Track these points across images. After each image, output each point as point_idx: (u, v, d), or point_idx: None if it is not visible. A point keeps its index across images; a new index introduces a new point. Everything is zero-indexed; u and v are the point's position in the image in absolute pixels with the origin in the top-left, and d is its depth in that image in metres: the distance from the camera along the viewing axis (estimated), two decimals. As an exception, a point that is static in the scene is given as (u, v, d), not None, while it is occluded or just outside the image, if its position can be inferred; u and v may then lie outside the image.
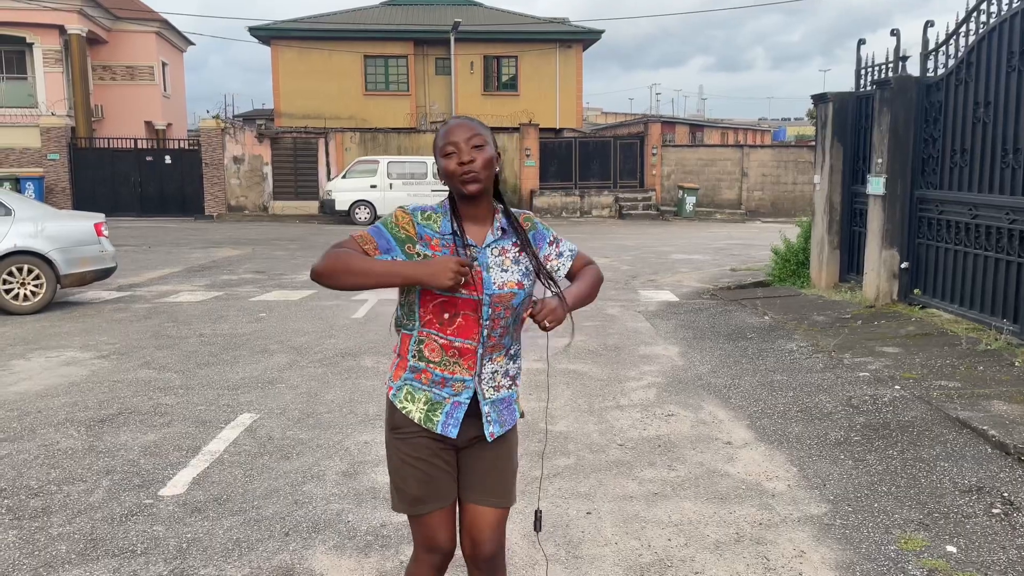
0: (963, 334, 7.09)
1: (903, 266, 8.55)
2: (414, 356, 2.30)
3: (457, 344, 2.24)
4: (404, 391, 2.31)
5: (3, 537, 3.62)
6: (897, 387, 5.81)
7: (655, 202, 26.50)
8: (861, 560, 3.41)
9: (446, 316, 2.23)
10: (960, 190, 7.71)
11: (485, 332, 2.24)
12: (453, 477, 2.35)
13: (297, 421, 5.26)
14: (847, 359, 6.70)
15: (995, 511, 3.84)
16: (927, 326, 7.55)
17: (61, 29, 26.07)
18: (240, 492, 4.12)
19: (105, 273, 9.89)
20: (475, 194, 2.21)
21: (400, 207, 2.29)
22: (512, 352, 2.36)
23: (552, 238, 2.42)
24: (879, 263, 8.70)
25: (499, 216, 2.31)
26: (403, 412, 2.29)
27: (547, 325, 2.17)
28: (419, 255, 2.22)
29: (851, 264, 9.91)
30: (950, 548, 3.49)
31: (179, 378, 6.33)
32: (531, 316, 2.18)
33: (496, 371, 2.32)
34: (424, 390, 2.28)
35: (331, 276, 2.15)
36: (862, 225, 9.41)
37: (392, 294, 10.31)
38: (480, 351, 2.26)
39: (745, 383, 6.17)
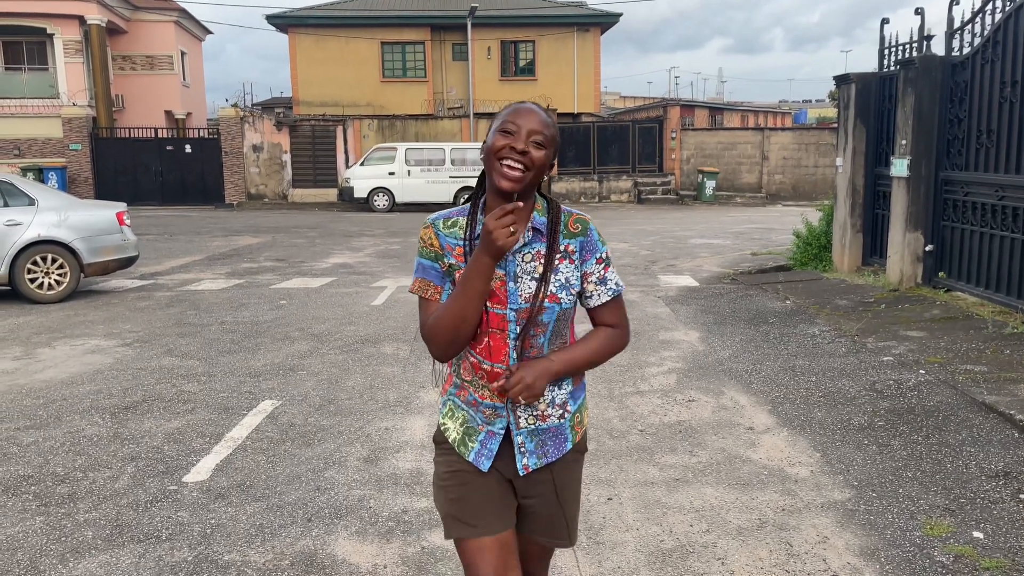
0: (989, 317, 6.99)
1: (927, 249, 8.44)
2: (456, 372, 2.08)
3: (485, 366, 1.97)
4: (448, 406, 2.10)
5: (31, 523, 3.68)
6: (922, 371, 5.74)
7: (674, 186, 26.32)
8: (886, 546, 3.37)
9: (477, 332, 1.96)
10: (986, 171, 7.58)
11: (515, 354, 1.95)
12: (499, 506, 2.05)
13: (318, 408, 5.29)
14: (871, 343, 6.63)
15: (1023, 496, 3.78)
16: (952, 309, 7.45)
17: (81, 19, 26.23)
18: (263, 478, 4.15)
19: (128, 262, 9.98)
20: (509, 192, 1.87)
21: (423, 223, 2.04)
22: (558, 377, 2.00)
23: (604, 256, 2.01)
24: (903, 246, 8.58)
25: (536, 214, 1.96)
26: (442, 428, 2.10)
27: (520, 402, 1.90)
28: (449, 267, 1.98)
29: (874, 247, 9.79)
30: (977, 534, 3.45)
31: (201, 365, 6.38)
32: (501, 389, 1.91)
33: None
34: (463, 410, 2.05)
35: (445, 346, 1.94)
36: (885, 208, 9.28)
37: (409, 280, 10.23)
38: None
39: (767, 368, 6.12)
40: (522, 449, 2.02)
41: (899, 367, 5.91)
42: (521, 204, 1.83)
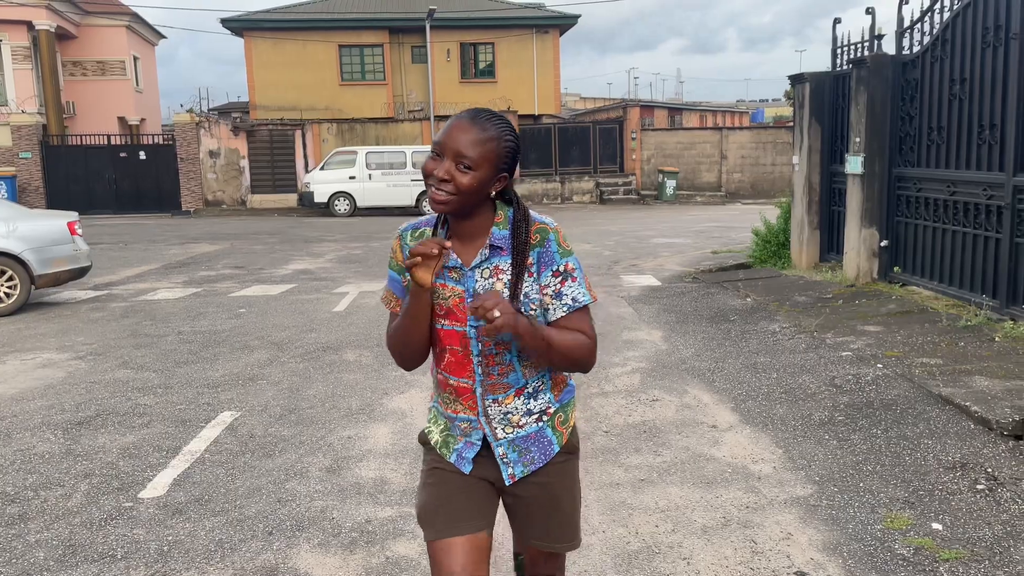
0: (944, 311, 7.13)
1: (883, 244, 8.58)
2: (435, 382, 2.09)
3: (452, 382, 1.97)
4: (433, 412, 2.11)
5: (-21, 546, 3.55)
6: (879, 365, 5.83)
7: (635, 186, 26.50)
8: (848, 540, 3.41)
9: (438, 350, 1.98)
10: (938, 167, 7.74)
11: (480, 370, 1.93)
12: (474, 509, 2.01)
13: (279, 418, 5.20)
14: (829, 339, 6.71)
15: (979, 487, 3.85)
16: (908, 304, 7.59)
17: (29, 25, 25.58)
18: (222, 492, 4.06)
19: (80, 272, 9.74)
20: (442, 212, 1.89)
21: (395, 233, 2.03)
22: (531, 390, 1.97)
23: (561, 269, 1.89)
24: (859, 242, 8.72)
25: (496, 228, 1.91)
26: (426, 432, 2.11)
27: (492, 317, 1.71)
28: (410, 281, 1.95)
29: (831, 244, 9.94)
30: (936, 525, 3.50)
31: (158, 377, 6.24)
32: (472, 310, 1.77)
33: (510, 413, 1.97)
34: (444, 417, 2.06)
35: (398, 359, 1.99)
36: (841, 205, 9.43)
37: (373, 286, 10.07)
38: (479, 391, 1.95)
39: (729, 366, 6.16)
40: (505, 460, 1.99)
41: (857, 362, 6.00)
42: (449, 244, 1.77)
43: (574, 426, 2.08)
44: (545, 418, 2.00)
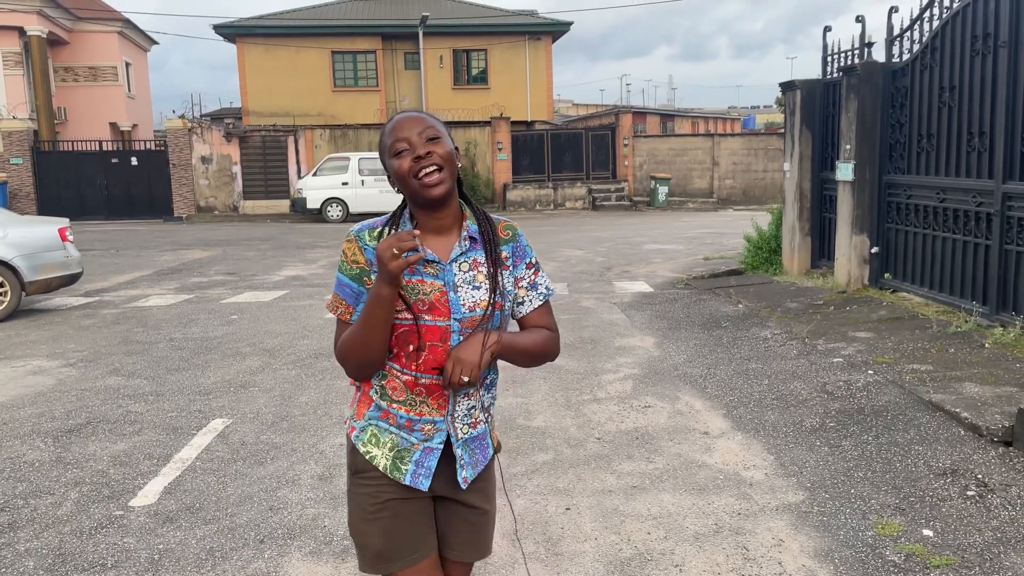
0: (934, 317, 7.16)
1: (873, 251, 8.63)
2: (377, 393, 1.97)
3: (424, 381, 1.92)
4: (368, 432, 1.98)
5: (-32, 555, 3.53)
6: (870, 372, 5.85)
7: (628, 193, 26.56)
8: (839, 547, 3.42)
9: (411, 348, 1.90)
10: (928, 174, 7.78)
11: None
12: (428, 528, 2.02)
13: (271, 425, 5.19)
14: (821, 345, 6.74)
15: (970, 493, 3.87)
16: (898, 310, 7.62)
17: (20, 31, 25.53)
18: (213, 500, 4.05)
19: (71, 279, 9.70)
20: (441, 197, 1.86)
21: (346, 236, 1.96)
22: (489, 381, 2.03)
23: (533, 261, 2.05)
24: (850, 249, 8.76)
25: (468, 222, 1.96)
26: (366, 457, 1.97)
27: (464, 380, 1.84)
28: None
29: (822, 250, 9.98)
30: (927, 532, 3.51)
31: (149, 384, 6.21)
32: (447, 387, 1.86)
33: (473, 406, 2.00)
34: (391, 432, 1.96)
35: (354, 370, 1.92)
36: (832, 211, 9.48)
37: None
38: None
39: (721, 372, 6.18)
40: (462, 462, 1.99)
41: (848, 368, 6.02)
42: (419, 233, 1.77)
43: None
44: (487, 417, 2.06)
